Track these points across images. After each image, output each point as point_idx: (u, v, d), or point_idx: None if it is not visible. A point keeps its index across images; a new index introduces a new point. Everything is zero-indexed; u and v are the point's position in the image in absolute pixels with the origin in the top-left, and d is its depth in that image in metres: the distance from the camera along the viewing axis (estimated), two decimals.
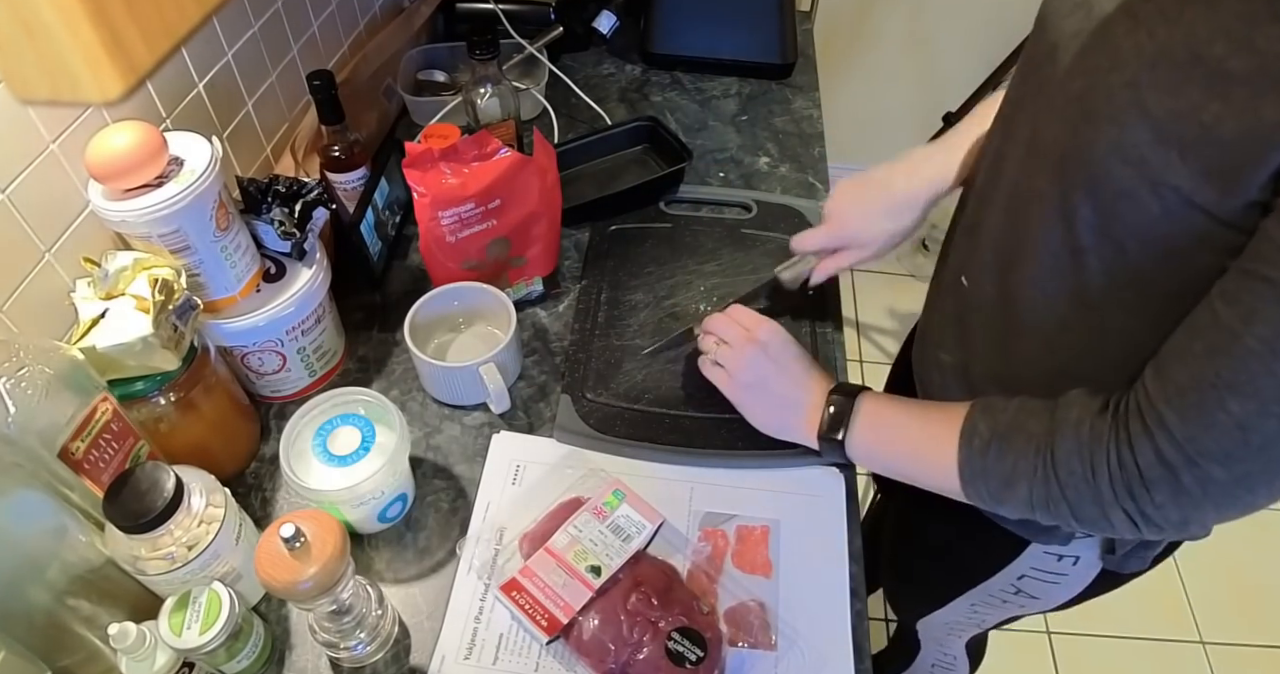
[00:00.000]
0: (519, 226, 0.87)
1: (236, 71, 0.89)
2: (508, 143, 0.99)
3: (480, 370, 0.79)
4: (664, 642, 0.64)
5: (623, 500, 0.72)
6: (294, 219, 0.77)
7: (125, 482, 0.57)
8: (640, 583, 0.67)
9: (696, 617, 0.67)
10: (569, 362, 0.88)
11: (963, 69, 2.03)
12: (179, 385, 0.68)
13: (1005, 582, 0.80)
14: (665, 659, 0.63)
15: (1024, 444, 0.58)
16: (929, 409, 0.67)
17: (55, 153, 0.67)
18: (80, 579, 0.58)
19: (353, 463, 0.70)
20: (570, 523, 0.70)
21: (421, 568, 0.73)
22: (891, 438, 0.69)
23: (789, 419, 0.74)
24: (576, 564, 0.67)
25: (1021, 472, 0.58)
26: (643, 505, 0.72)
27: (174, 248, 0.67)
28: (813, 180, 1.13)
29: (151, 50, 0.39)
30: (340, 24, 1.11)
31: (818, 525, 0.76)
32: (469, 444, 0.82)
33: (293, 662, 0.67)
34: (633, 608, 0.66)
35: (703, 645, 0.64)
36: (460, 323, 0.90)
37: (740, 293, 0.90)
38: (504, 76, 1.02)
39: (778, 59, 1.29)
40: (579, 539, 0.69)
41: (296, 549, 0.55)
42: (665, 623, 0.65)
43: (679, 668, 0.63)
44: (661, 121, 1.13)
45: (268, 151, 0.99)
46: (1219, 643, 1.66)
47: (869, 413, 0.70)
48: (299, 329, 0.78)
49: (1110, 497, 0.53)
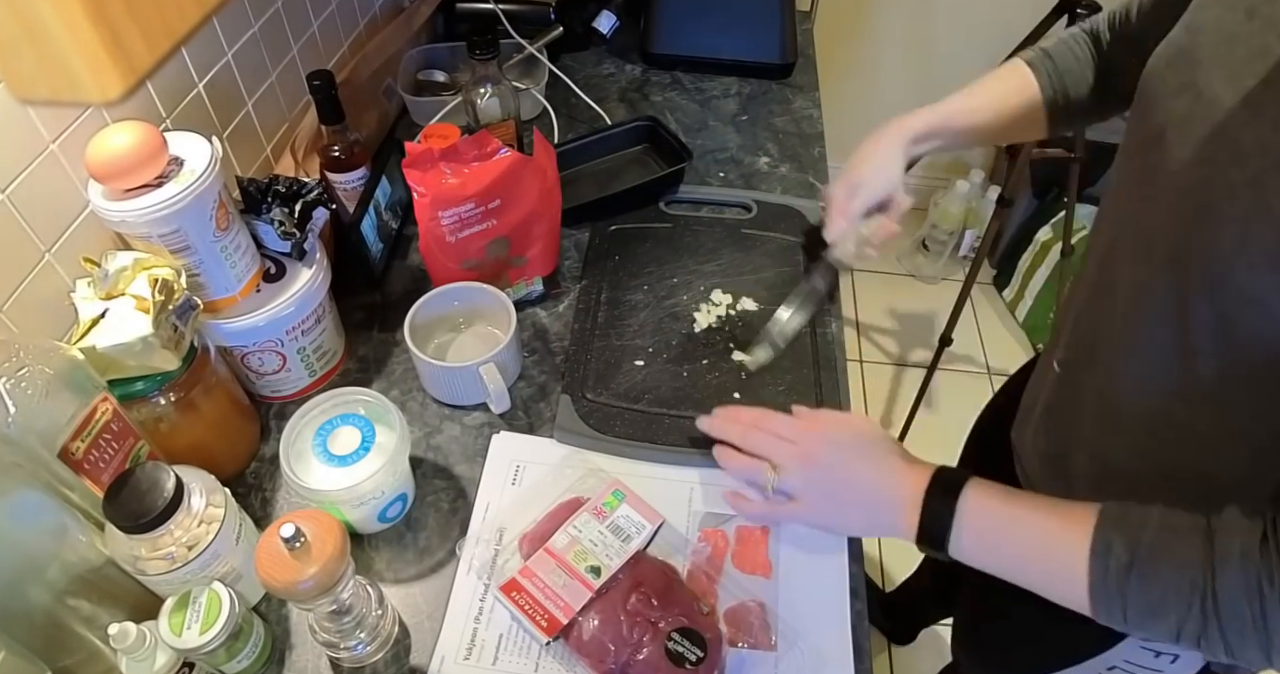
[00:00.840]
0: (519, 226, 0.87)
1: (236, 71, 0.89)
2: (508, 143, 0.99)
3: (480, 370, 0.79)
4: (664, 642, 0.64)
5: (622, 501, 0.72)
6: (294, 219, 0.77)
7: (125, 482, 0.57)
8: (640, 583, 0.67)
9: (696, 617, 0.67)
10: (569, 362, 0.88)
11: (963, 69, 2.02)
12: (179, 385, 0.68)
13: (1094, 670, 0.72)
14: (665, 659, 0.63)
15: (1174, 575, 0.50)
16: (1044, 513, 0.57)
17: (55, 153, 0.67)
18: (80, 579, 0.58)
19: (353, 463, 0.70)
20: (570, 523, 0.70)
21: (421, 568, 0.73)
22: (1004, 546, 0.60)
23: (888, 521, 0.64)
24: (576, 564, 0.67)
25: (1171, 605, 0.50)
26: (642, 506, 0.72)
27: (174, 248, 0.67)
28: (813, 180, 1.13)
29: (151, 50, 0.39)
30: (340, 24, 1.11)
31: None
32: (469, 444, 0.82)
33: (293, 662, 0.67)
34: (632, 608, 0.66)
35: (702, 646, 0.64)
36: (460, 323, 0.90)
37: (784, 293, 0.91)
38: (504, 76, 1.02)
39: (778, 59, 1.29)
40: (579, 539, 0.69)
41: (296, 549, 0.55)
42: (665, 623, 0.65)
43: (679, 668, 0.63)
44: (661, 121, 1.13)
45: (268, 151, 0.99)
46: None
47: (975, 514, 0.60)
48: (299, 329, 0.78)
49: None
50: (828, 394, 0.84)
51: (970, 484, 0.61)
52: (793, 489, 0.68)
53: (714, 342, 0.89)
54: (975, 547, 0.60)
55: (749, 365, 0.86)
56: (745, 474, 0.72)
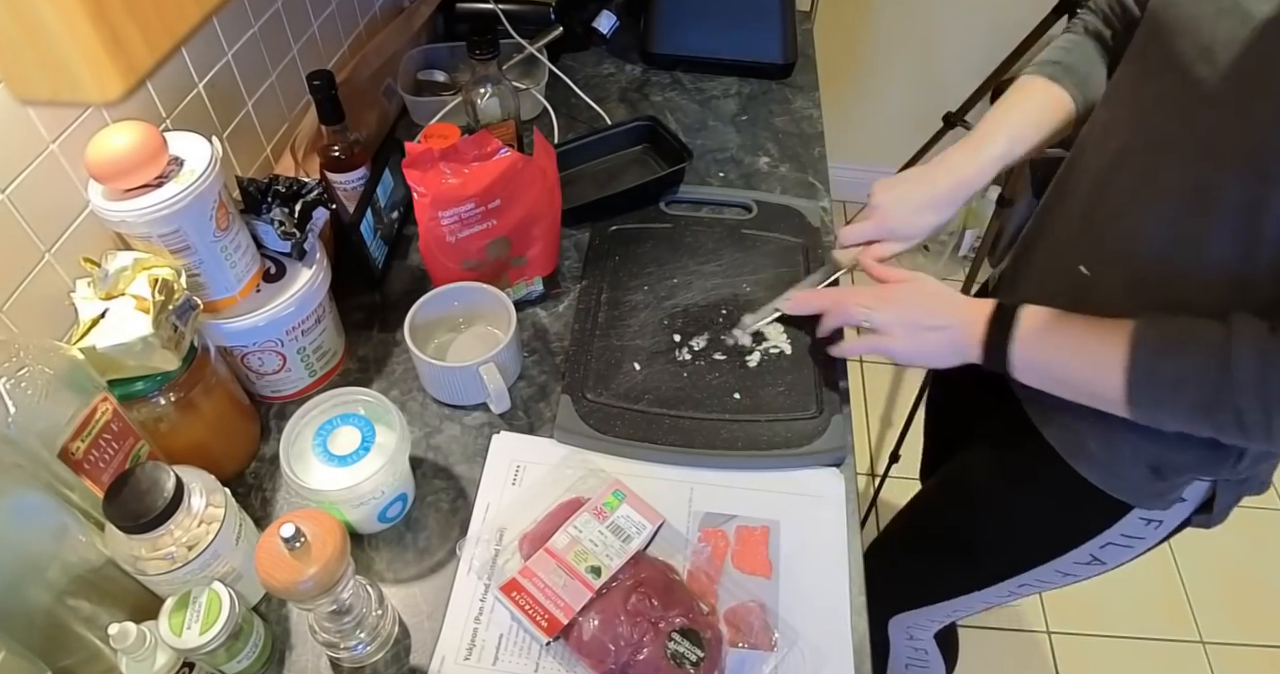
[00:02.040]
0: (519, 226, 0.87)
1: (236, 71, 0.89)
2: (508, 143, 0.99)
3: (480, 370, 0.79)
4: (664, 642, 0.64)
5: (623, 501, 0.72)
6: (294, 219, 0.77)
7: (125, 482, 0.57)
8: (640, 583, 0.67)
9: (697, 617, 0.67)
10: (569, 362, 0.88)
11: (963, 69, 2.03)
12: (179, 385, 0.68)
13: (1088, 551, 0.82)
14: (666, 660, 0.63)
15: (1197, 348, 0.60)
16: (1089, 319, 0.68)
17: (55, 153, 0.67)
18: (80, 579, 0.58)
19: (353, 463, 0.70)
20: (570, 523, 0.70)
21: (421, 568, 0.73)
22: (1055, 343, 0.69)
23: (961, 340, 0.74)
24: (576, 565, 0.67)
25: (1191, 374, 0.60)
26: (643, 506, 0.72)
27: (174, 248, 0.67)
28: (813, 180, 1.13)
29: (151, 50, 0.39)
30: (340, 24, 1.11)
31: (818, 525, 0.76)
32: (469, 444, 0.82)
33: (293, 662, 0.67)
34: (633, 608, 0.66)
35: (703, 646, 0.64)
36: (460, 323, 0.90)
37: (793, 282, 0.93)
38: (504, 76, 1.02)
39: (778, 59, 1.29)
40: (579, 540, 0.69)
41: (296, 549, 0.55)
42: (665, 623, 0.65)
43: (679, 669, 0.63)
44: (661, 121, 1.13)
45: (268, 151, 0.99)
46: (1219, 643, 1.66)
47: (1030, 322, 0.70)
48: (299, 329, 0.78)
49: None
50: (828, 394, 0.84)
51: (1025, 305, 0.71)
52: (882, 324, 0.78)
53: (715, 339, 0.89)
54: (1029, 350, 0.70)
55: (747, 325, 0.88)
56: (843, 315, 0.82)
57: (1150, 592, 1.73)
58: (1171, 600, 1.72)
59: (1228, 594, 1.73)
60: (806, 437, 0.81)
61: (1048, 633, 1.67)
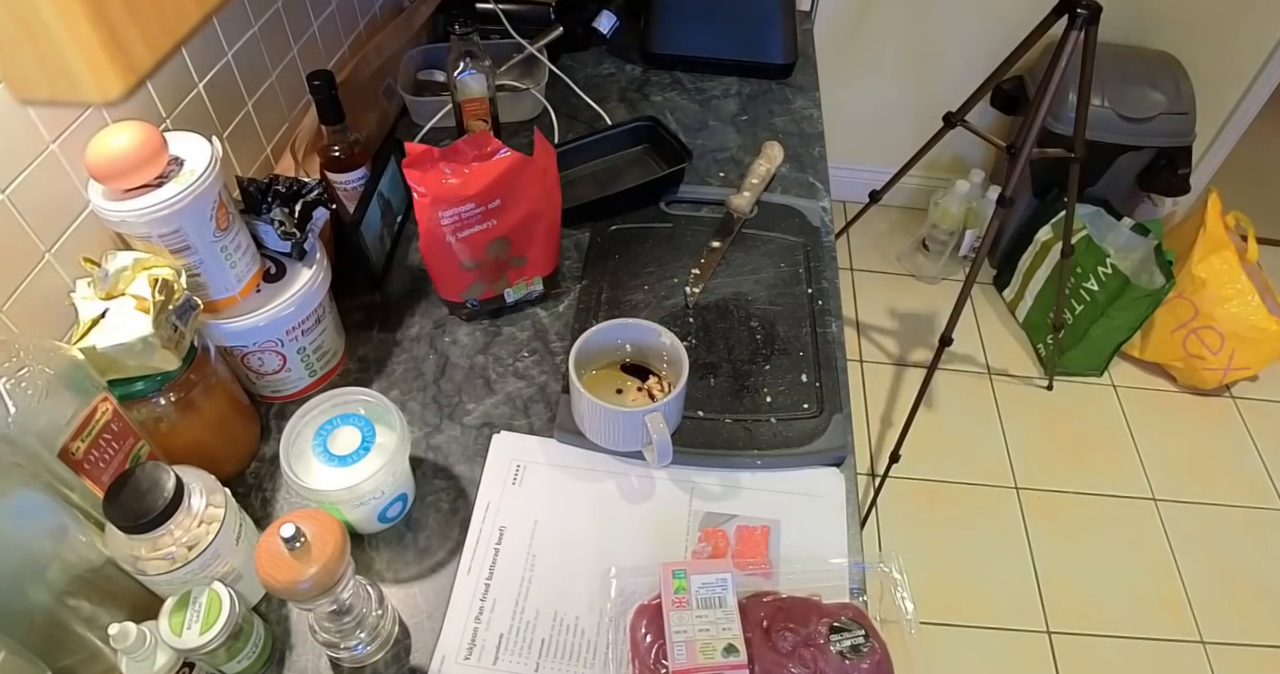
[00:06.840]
0: (519, 226, 0.87)
1: (236, 71, 0.89)
2: (480, 118, 0.98)
3: (646, 419, 0.74)
4: (830, 650, 0.63)
5: (686, 575, 0.68)
6: (294, 219, 0.77)
7: (125, 482, 0.57)
8: (769, 627, 0.65)
9: (826, 610, 0.66)
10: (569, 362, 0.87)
11: (963, 69, 2.03)
12: (179, 385, 0.68)
13: None
14: (845, 662, 0.63)
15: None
16: None
17: (55, 153, 0.67)
18: (80, 579, 0.58)
19: (353, 463, 0.70)
20: (669, 634, 0.65)
21: (421, 568, 0.73)
22: None
23: None
24: (712, 659, 0.63)
25: None
26: (701, 565, 0.69)
27: (174, 248, 0.67)
28: (813, 180, 1.13)
29: (152, 50, 0.39)
30: (340, 24, 1.11)
31: (818, 525, 0.76)
32: (469, 444, 0.82)
33: (293, 662, 0.67)
34: (786, 650, 0.63)
35: (853, 625, 0.64)
36: (626, 356, 0.84)
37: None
38: (483, 51, 1.01)
39: (778, 59, 1.29)
40: (691, 638, 0.64)
41: (296, 549, 0.55)
42: (817, 636, 0.64)
43: (862, 657, 0.63)
44: (661, 121, 1.13)
45: (268, 151, 0.99)
46: (1219, 643, 1.66)
47: None
48: (299, 329, 0.78)
49: None
50: (828, 393, 0.84)
51: None
52: None
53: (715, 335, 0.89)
54: None
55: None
56: None
57: (1150, 592, 1.73)
58: (1171, 600, 1.72)
59: (1228, 594, 1.73)
60: (806, 436, 0.81)
61: (1048, 633, 1.67)
